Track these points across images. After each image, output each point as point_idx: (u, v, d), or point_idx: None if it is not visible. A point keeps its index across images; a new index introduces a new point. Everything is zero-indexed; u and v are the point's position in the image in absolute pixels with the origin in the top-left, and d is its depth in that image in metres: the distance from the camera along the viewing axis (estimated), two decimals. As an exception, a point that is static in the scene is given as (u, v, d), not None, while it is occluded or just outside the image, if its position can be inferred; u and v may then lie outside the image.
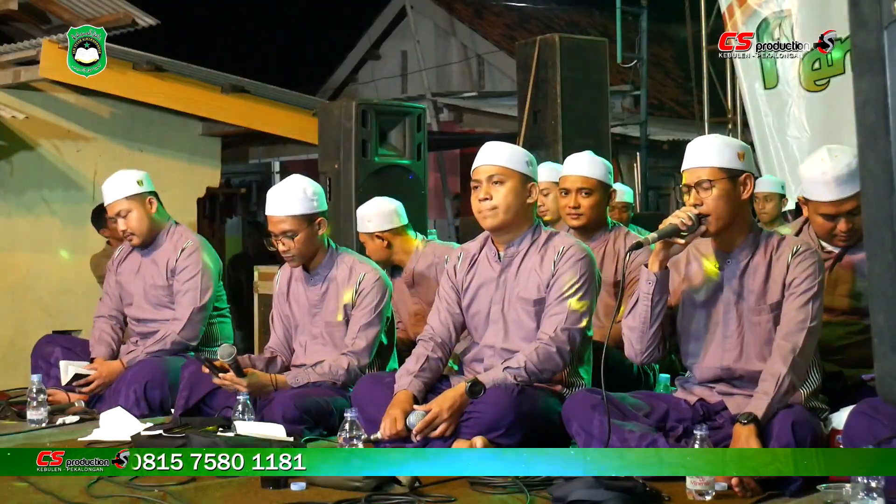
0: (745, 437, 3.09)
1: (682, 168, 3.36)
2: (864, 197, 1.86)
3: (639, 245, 3.34)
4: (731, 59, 8.32)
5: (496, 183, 3.67)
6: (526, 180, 3.70)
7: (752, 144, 8.13)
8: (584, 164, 4.56)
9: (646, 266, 3.35)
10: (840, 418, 3.17)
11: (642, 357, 3.45)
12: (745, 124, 8.24)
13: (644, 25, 10.80)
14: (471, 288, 3.84)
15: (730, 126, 9.16)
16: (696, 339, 3.42)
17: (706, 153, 3.30)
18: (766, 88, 7.59)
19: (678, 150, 11.82)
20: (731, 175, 3.28)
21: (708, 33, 9.09)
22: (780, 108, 7.49)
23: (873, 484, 2.61)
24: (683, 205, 3.37)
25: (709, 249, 3.42)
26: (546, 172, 5.36)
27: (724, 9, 7.96)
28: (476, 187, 3.70)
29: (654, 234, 3.30)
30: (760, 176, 5.38)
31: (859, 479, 2.63)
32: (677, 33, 12.26)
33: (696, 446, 2.95)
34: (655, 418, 3.35)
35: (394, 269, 5.06)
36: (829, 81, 7.15)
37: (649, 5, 10.79)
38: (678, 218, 3.27)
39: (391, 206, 5.06)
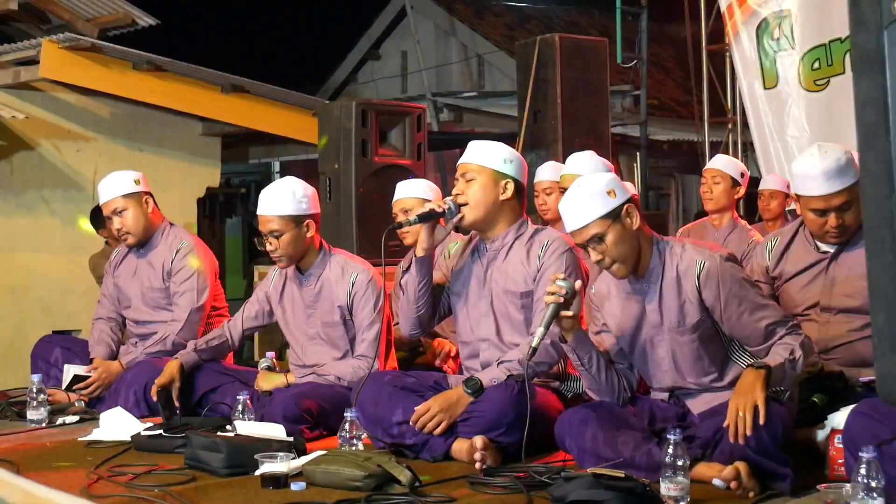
0: (752, 378, 3.06)
1: (568, 231, 3.32)
2: (863, 197, 1.86)
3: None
4: (731, 58, 8.32)
5: (468, 181, 3.75)
6: (499, 177, 3.75)
7: (751, 144, 8.15)
8: (583, 164, 4.59)
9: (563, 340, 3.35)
10: (839, 418, 3.17)
11: (617, 401, 3.45)
12: (745, 124, 8.23)
13: (644, 25, 10.79)
14: (457, 277, 3.89)
15: (730, 126, 9.16)
16: (643, 366, 3.47)
17: (585, 211, 3.22)
18: (765, 88, 7.59)
19: (678, 150, 11.87)
20: (615, 217, 3.23)
21: (708, 33, 9.09)
22: (780, 108, 7.49)
23: (873, 484, 2.62)
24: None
25: (624, 280, 3.41)
26: (548, 172, 5.37)
27: (723, 9, 7.96)
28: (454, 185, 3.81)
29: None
30: (756, 175, 5.40)
31: (859, 479, 2.63)
32: (677, 33, 12.24)
33: (670, 451, 2.91)
34: (645, 420, 3.37)
35: None
36: (829, 81, 7.14)
37: (649, 5, 10.78)
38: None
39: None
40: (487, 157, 3.76)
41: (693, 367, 3.34)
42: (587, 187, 3.25)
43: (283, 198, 4.20)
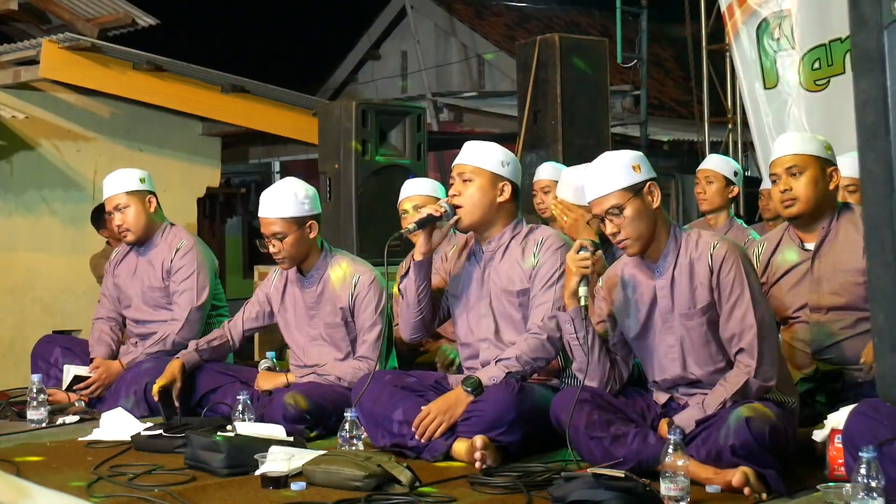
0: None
1: (588, 200, 3.36)
2: (864, 197, 1.86)
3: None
4: (731, 58, 8.32)
5: (465, 181, 3.75)
6: (497, 179, 3.75)
7: (751, 144, 8.15)
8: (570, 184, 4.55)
9: (561, 308, 3.40)
10: (838, 418, 3.17)
11: (604, 386, 3.45)
12: (745, 124, 8.24)
13: (644, 25, 10.79)
14: (455, 280, 3.90)
15: (730, 126, 9.16)
16: (648, 356, 3.43)
17: (608, 180, 3.28)
18: (765, 88, 7.59)
19: (678, 150, 11.86)
20: (637, 191, 3.28)
21: (708, 33, 9.09)
22: (780, 108, 7.49)
23: (873, 484, 2.61)
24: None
25: (636, 265, 3.42)
26: (547, 171, 5.39)
27: (723, 9, 7.96)
28: (451, 185, 3.80)
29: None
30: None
31: (859, 479, 2.63)
32: (677, 33, 12.25)
33: (670, 451, 2.91)
34: (637, 410, 3.40)
35: None
36: (829, 81, 7.14)
37: (649, 5, 10.78)
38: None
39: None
40: (484, 158, 3.76)
41: (700, 353, 3.30)
42: (613, 159, 3.33)
43: (285, 199, 4.20)
